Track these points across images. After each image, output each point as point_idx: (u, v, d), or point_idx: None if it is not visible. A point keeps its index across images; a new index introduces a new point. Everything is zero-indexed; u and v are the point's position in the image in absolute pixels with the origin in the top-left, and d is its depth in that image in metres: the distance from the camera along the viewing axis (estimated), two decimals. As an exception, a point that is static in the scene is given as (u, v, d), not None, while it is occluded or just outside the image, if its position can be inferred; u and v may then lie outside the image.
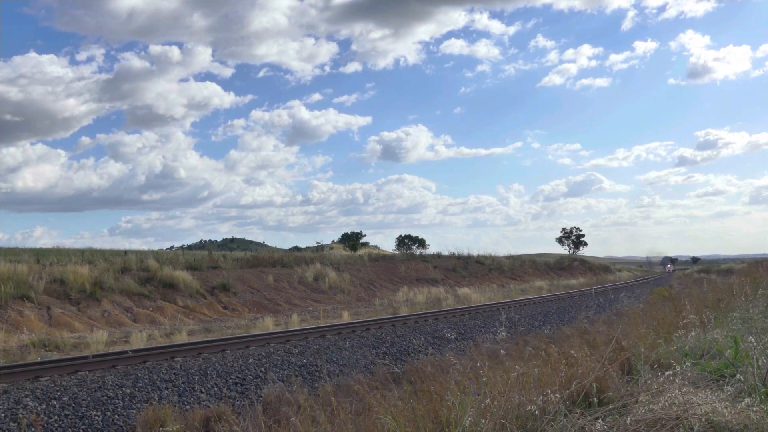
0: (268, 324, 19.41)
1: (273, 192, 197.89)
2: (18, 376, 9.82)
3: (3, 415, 8.28)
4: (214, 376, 11.13)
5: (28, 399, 8.84)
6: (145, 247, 52.90)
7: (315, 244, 66.39)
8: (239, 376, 11.40)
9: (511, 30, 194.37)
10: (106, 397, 9.42)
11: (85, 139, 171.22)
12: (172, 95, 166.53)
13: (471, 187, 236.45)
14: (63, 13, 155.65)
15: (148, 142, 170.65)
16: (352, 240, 63.42)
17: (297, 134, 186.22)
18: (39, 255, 26.92)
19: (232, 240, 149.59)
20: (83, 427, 8.55)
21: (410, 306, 25.61)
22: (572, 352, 6.10)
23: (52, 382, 9.67)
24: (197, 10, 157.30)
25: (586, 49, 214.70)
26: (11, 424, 8.09)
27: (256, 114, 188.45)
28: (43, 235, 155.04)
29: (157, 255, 31.29)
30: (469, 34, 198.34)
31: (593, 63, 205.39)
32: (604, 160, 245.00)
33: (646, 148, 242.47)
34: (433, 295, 30.41)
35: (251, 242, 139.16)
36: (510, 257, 59.77)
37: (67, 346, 15.11)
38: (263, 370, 11.87)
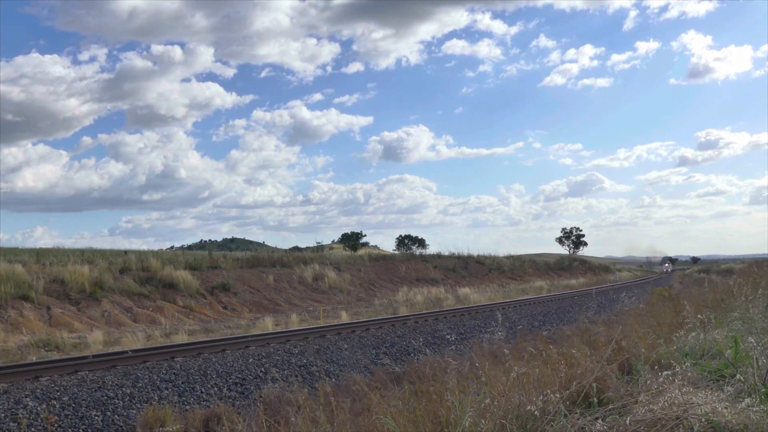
0: (267, 324, 19.41)
1: (273, 192, 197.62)
2: (18, 376, 9.82)
3: (3, 415, 8.28)
4: (214, 376, 11.13)
5: (28, 399, 8.84)
6: (145, 247, 52.82)
7: (315, 244, 66.27)
8: (239, 376, 11.40)
9: (513, 30, 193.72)
10: (106, 397, 9.42)
11: (86, 139, 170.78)
12: (173, 95, 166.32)
13: (472, 187, 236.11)
14: (65, 12, 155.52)
15: (149, 142, 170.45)
16: (352, 240, 63.37)
17: (298, 134, 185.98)
18: (39, 255, 26.92)
19: (232, 240, 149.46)
20: (83, 427, 8.54)
21: (410, 306, 25.61)
22: (573, 351, 6.10)
23: (52, 382, 9.67)
24: (199, 9, 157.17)
25: (588, 49, 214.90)
26: (11, 424, 8.09)
27: (258, 114, 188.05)
28: (43, 235, 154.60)
29: (157, 255, 31.26)
30: (470, 34, 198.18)
31: (595, 63, 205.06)
32: (605, 160, 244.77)
33: (647, 148, 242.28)
34: (433, 295, 30.42)
35: (251, 242, 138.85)
36: (510, 257, 59.76)
37: (67, 346, 15.11)
38: (263, 370, 11.87)
